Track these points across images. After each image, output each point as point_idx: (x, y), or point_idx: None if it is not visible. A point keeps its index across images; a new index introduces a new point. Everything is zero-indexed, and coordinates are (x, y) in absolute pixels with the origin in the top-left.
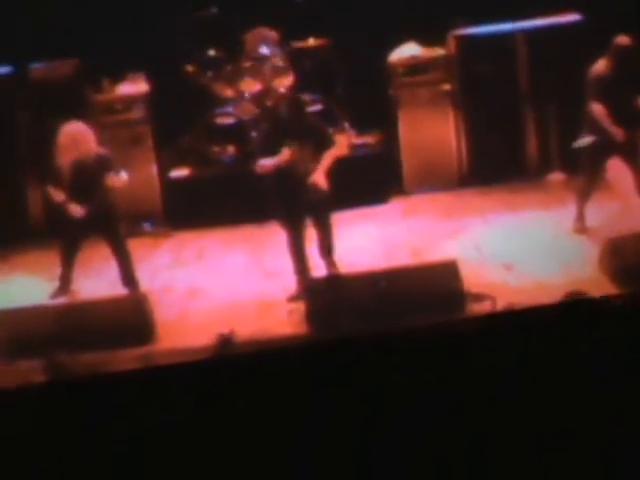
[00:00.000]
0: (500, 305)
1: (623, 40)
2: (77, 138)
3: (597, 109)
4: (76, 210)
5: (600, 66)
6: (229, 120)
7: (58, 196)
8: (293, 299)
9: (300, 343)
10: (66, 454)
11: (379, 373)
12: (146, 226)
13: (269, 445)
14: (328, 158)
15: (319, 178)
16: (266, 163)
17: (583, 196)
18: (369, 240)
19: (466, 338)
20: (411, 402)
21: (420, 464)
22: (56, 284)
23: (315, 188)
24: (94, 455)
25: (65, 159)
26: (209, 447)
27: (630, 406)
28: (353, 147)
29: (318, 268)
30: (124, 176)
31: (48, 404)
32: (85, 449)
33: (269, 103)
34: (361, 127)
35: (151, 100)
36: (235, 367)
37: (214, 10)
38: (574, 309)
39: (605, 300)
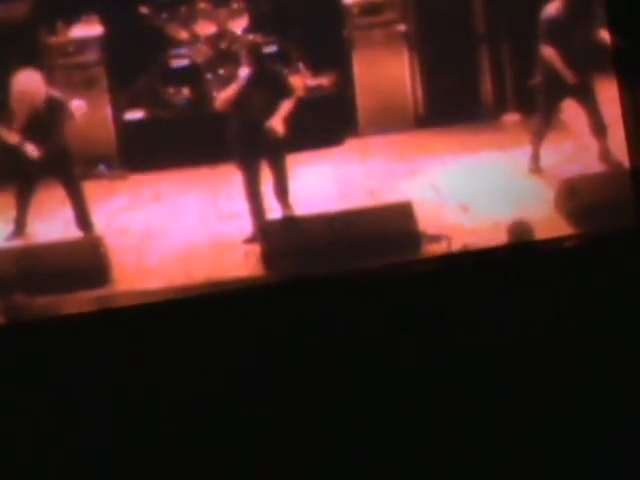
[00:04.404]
0: (456, 246)
1: None
2: (29, 86)
3: (549, 51)
4: (32, 150)
5: (553, 8)
6: (184, 62)
7: (12, 138)
8: (249, 241)
9: (256, 284)
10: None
11: (334, 314)
12: (101, 168)
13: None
14: (287, 106)
15: (276, 124)
16: (224, 92)
17: (538, 136)
18: (325, 182)
19: (422, 278)
20: (367, 340)
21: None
22: (11, 227)
23: (271, 132)
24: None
25: (18, 105)
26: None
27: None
28: (308, 89)
29: (274, 210)
30: (82, 105)
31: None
32: (41, 388)
33: (224, 45)
34: (316, 68)
35: (105, 42)
36: (191, 308)
37: None
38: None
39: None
